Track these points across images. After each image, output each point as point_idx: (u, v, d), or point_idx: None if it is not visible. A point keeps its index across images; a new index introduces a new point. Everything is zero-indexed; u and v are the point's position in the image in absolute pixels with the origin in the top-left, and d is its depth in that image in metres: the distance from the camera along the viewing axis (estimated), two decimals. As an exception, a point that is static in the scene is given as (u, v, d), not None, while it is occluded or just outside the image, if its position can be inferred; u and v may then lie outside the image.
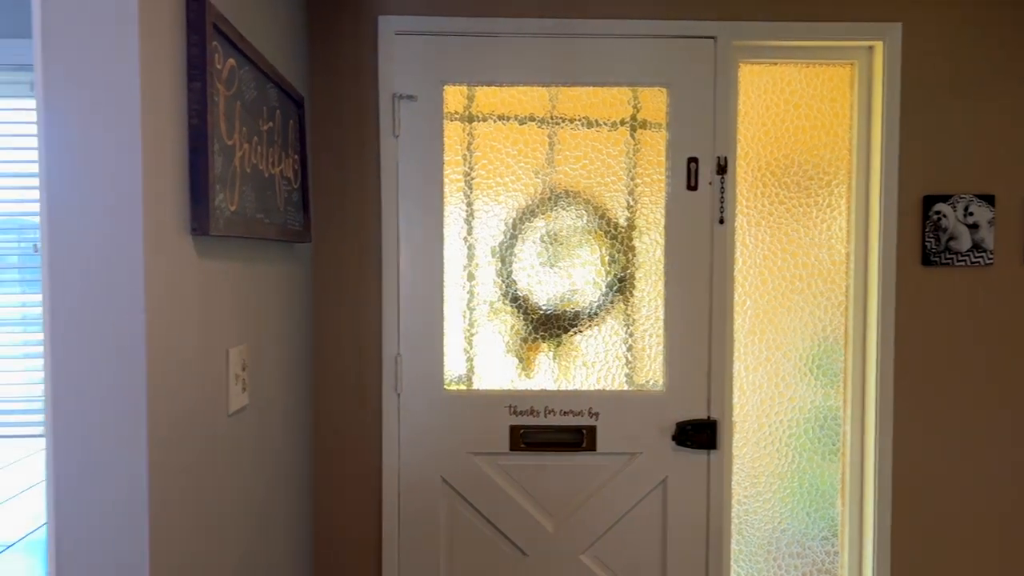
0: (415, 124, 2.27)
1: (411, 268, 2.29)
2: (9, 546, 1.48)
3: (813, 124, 2.35)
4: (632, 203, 2.30)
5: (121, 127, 1.10)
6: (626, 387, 2.33)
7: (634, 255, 2.31)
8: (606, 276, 2.31)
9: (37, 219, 2.67)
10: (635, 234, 2.30)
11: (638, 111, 2.28)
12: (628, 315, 2.31)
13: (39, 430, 2.71)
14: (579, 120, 2.28)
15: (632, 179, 2.29)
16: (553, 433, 2.30)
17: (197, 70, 1.31)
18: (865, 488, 2.38)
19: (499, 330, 2.32)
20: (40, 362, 2.71)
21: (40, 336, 2.72)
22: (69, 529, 1.12)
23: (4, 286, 2.73)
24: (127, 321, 1.11)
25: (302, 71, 2.19)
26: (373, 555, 2.33)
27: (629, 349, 2.32)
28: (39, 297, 2.71)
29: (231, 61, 1.46)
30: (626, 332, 2.32)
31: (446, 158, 2.29)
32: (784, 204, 2.36)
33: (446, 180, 2.30)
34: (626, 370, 2.32)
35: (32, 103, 2.64)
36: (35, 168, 2.66)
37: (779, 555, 2.43)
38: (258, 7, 1.74)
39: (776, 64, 2.35)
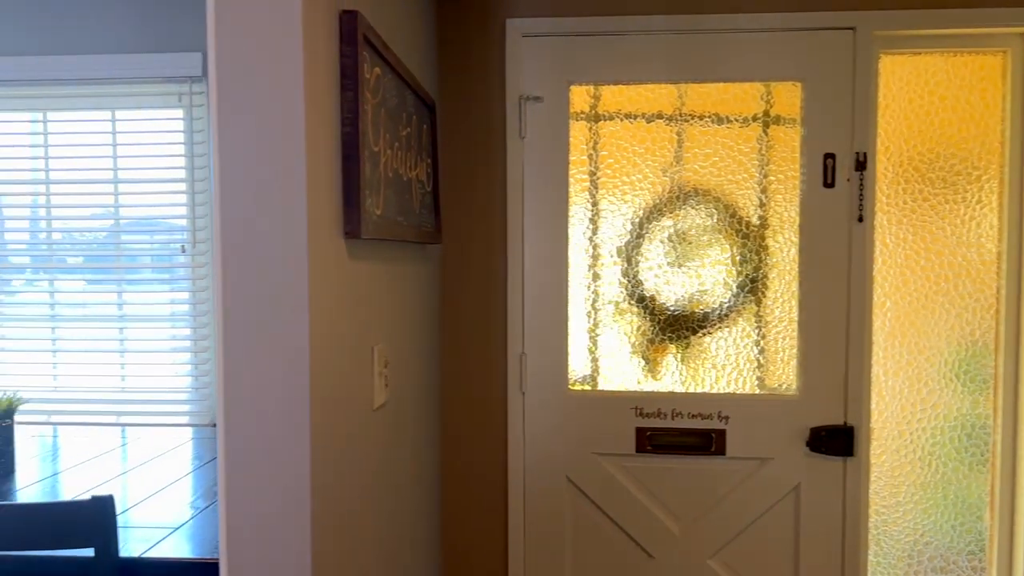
0: (541, 125, 2.28)
1: (536, 268, 2.31)
2: (175, 529, 1.58)
3: (961, 116, 2.22)
4: (764, 201, 2.24)
5: (287, 135, 1.16)
6: (757, 391, 2.26)
7: (767, 254, 2.24)
8: (737, 276, 2.26)
9: (181, 222, 2.85)
10: (768, 233, 2.24)
11: (771, 106, 2.22)
12: (760, 316, 2.25)
13: (186, 420, 2.88)
14: (708, 117, 2.24)
15: (764, 176, 2.23)
16: (681, 436, 2.27)
17: (349, 80, 1.36)
18: (1017, 502, 2.23)
19: (624, 331, 2.31)
20: (187, 356, 2.89)
21: (187, 331, 2.90)
22: (239, 511, 1.19)
23: (153, 284, 2.92)
24: (293, 319, 1.17)
25: (432, 76, 2.24)
26: (500, 551, 2.36)
27: (761, 352, 2.26)
28: (185, 295, 2.88)
29: (377, 70, 1.51)
30: (758, 334, 2.26)
31: (571, 158, 2.30)
32: (928, 201, 2.24)
33: (571, 180, 2.30)
34: (758, 373, 2.26)
35: (180, 112, 2.82)
36: (179, 174, 2.84)
37: (920, 569, 2.31)
38: (396, 16, 1.79)
39: (920, 54, 2.23)
